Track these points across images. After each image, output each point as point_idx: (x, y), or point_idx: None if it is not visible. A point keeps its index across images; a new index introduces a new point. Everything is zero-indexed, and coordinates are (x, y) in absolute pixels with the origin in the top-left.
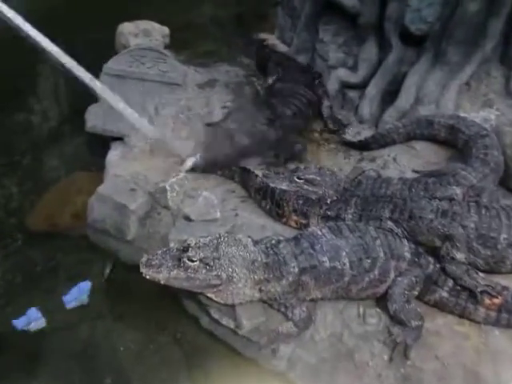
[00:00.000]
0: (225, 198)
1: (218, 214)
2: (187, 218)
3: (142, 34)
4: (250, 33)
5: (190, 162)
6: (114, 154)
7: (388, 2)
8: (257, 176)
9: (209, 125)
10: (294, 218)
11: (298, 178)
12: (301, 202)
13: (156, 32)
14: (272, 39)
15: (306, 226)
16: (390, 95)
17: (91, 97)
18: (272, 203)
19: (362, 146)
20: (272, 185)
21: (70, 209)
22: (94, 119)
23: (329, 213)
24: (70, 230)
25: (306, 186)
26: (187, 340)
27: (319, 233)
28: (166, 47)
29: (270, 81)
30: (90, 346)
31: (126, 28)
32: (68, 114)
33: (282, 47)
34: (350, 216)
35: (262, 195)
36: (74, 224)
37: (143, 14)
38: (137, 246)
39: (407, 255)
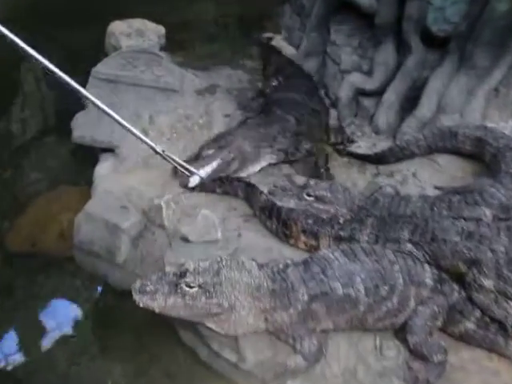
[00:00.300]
0: (226, 217)
1: (219, 235)
2: (185, 239)
3: (134, 34)
4: (253, 33)
5: (194, 181)
6: (103, 167)
7: (408, 0)
8: (261, 193)
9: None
10: (303, 239)
11: (308, 194)
12: (310, 221)
13: (150, 32)
14: (278, 40)
15: (317, 248)
16: (410, 103)
17: (78, 103)
18: (278, 223)
19: (379, 160)
20: (278, 203)
21: (53, 228)
22: (81, 128)
23: (342, 233)
24: (53, 252)
25: (316, 204)
26: (183, 374)
27: (331, 256)
28: (162, 49)
29: (267, 90)
30: (74, 382)
31: (117, 27)
32: (52, 122)
33: (289, 49)
34: (366, 237)
35: (268, 214)
36: (58, 245)
37: (136, 12)
38: (128, 269)
39: (429, 282)
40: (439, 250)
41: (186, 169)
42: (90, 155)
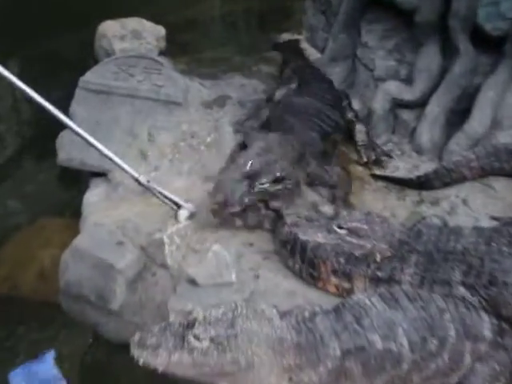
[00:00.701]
0: (241, 254)
1: (233, 276)
2: (192, 282)
3: (130, 36)
4: (269, 33)
5: (184, 213)
6: (94, 195)
7: None
8: (284, 224)
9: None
10: (334, 281)
11: (339, 227)
12: (342, 259)
13: (148, 33)
14: (299, 42)
15: (350, 291)
16: (458, 116)
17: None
18: (303, 262)
19: (421, 184)
20: (303, 236)
21: (35, 267)
22: (67, 149)
23: (380, 274)
24: (35, 296)
25: (349, 238)
26: None
27: (367, 302)
28: (162, 53)
29: (277, 95)
30: None
31: (110, 28)
32: (33, 142)
33: (312, 52)
34: (409, 278)
35: (290, 250)
36: (40, 287)
37: (131, 10)
38: (125, 318)
39: (487, 334)
40: (499, 294)
41: (174, 201)
42: (77, 181)
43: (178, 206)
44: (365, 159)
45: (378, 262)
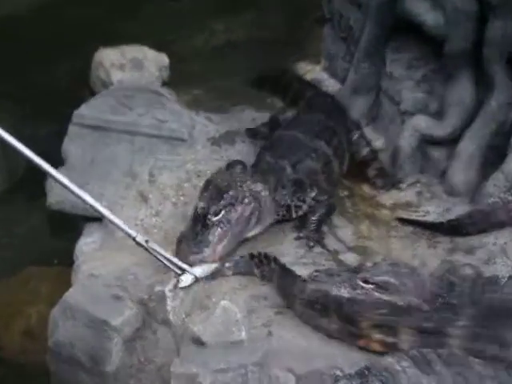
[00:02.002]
0: (253, 309)
1: (243, 335)
2: (197, 341)
3: (129, 65)
4: (283, 62)
5: (187, 280)
6: (88, 242)
7: (489, 20)
8: (304, 281)
9: None
10: (377, 336)
11: (365, 281)
12: (385, 310)
13: (150, 62)
14: (316, 72)
15: (395, 347)
16: (495, 154)
17: (54, 154)
18: (340, 319)
19: (454, 230)
20: (335, 291)
21: (20, 324)
22: (58, 190)
23: (427, 325)
24: (20, 357)
25: (377, 294)
26: None
27: (397, 367)
28: (165, 84)
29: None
30: None
31: (107, 56)
32: (19, 181)
33: (331, 83)
34: (459, 332)
35: (321, 309)
36: (26, 347)
37: (131, 36)
38: (121, 382)
39: None
40: None
41: (177, 265)
42: (69, 226)
43: (182, 271)
44: (380, 184)
45: (426, 311)
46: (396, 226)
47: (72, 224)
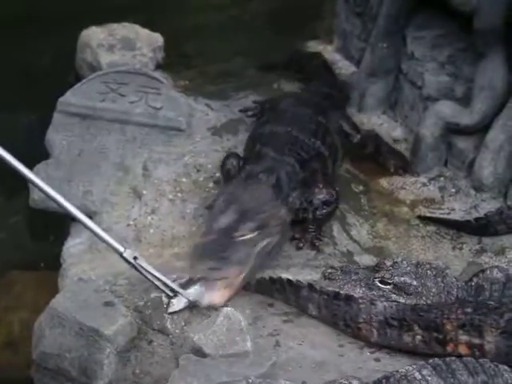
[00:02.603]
0: (258, 316)
1: (249, 345)
2: (198, 352)
3: (119, 45)
4: (292, 42)
5: (179, 304)
6: (76, 243)
7: None
8: (372, 303)
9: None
10: (464, 338)
11: (383, 281)
12: (469, 309)
13: (143, 43)
14: (328, 52)
15: (481, 350)
16: None
17: (38, 148)
18: (426, 329)
19: (482, 229)
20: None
21: (1, 333)
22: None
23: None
24: (1, 370)
25: (395, 296)
26: None
27: (417, 375)
28: (160, 68)
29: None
30: None
31: (95, 36)
32: (2, 177)
33: (344, 65)
34: None
35: (400, 324)
36: (8, 359)
37: (121, 13)
38: None
39: None
40: None
41: (169, 287)
42: (55, 226)
43: (174, 293)
44: (392, 168)
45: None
46: (417, 225)
47: (58, 223)
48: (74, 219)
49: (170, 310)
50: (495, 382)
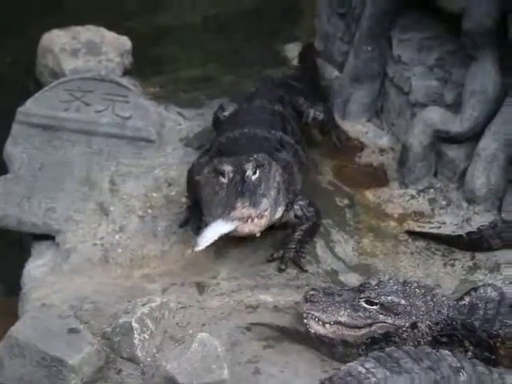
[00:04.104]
0: (236, 342)
1: (225, 373)
2: (171, 381)
3: (84, 50)
4: (269, 45)
5: (205, 240)
6: (38, 265)
7: None
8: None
9: None
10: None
11: (369, 301)
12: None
13: (109, 47)
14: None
15: None
16: None
17: None
18: (476, 344)
19: (475, 244)
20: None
21: None
22: (1, 203)
23: None
24: None
25: (382, 317)
26: None
27: (361, 370)
28: (128, 74)
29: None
30: None
31: (57, 40)
32: None
33: (326, 71)
34: None
35: (454, 340)
36: None
37: (85, 14)
38: None
39: None
40: None
41: None
42: (14, 246)
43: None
44: (334, 139)
45: None
46: (405, 241)
47: (18, 243)
48: (36, 237)
49: (198, 247)
50: (440, 366)
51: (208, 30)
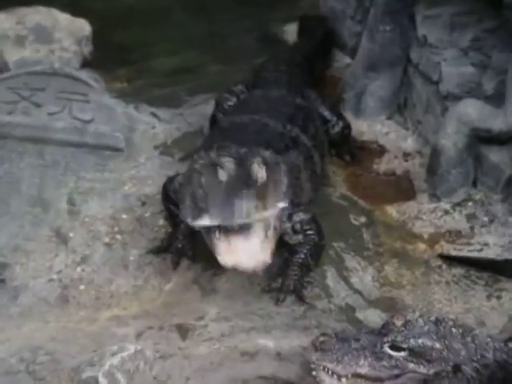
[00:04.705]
0: None
1: None
2: None
3: (32, 37)
4: (262, 26)
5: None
6: None
7: None
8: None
9: None
10: None
11: (394, 346)
12: None
13: (64, 32)
14: None
15: None
16: None
17: None
18: None
19: None
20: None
21: None
22: None
23: None
24: None
25: (412, 365)
26: None
27: None
28: (87, 65)
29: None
30: None
31: None
32: None
33: (336, 55)
34: None
35: None
36: None
37: None
38: None
39: None
40: None
41: None
42: None
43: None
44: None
45: None
46: (439, 267)
47: None
48: None
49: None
50: None
51: (185, 9)
